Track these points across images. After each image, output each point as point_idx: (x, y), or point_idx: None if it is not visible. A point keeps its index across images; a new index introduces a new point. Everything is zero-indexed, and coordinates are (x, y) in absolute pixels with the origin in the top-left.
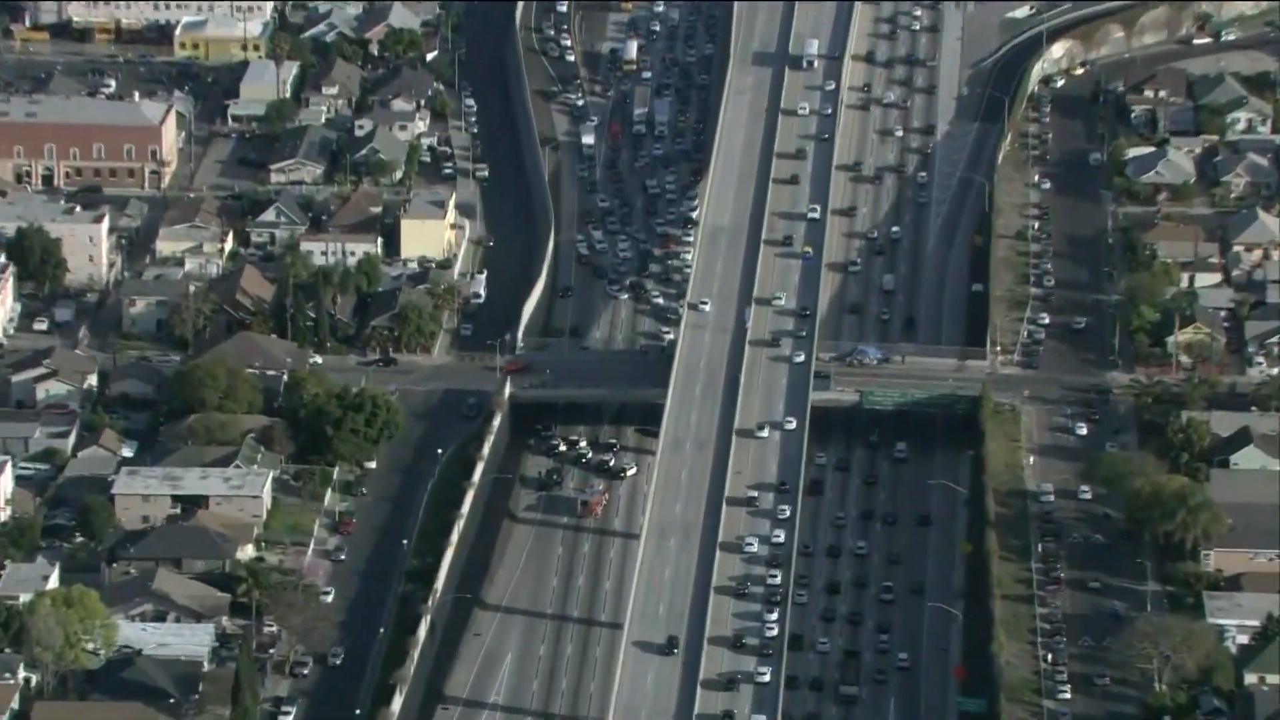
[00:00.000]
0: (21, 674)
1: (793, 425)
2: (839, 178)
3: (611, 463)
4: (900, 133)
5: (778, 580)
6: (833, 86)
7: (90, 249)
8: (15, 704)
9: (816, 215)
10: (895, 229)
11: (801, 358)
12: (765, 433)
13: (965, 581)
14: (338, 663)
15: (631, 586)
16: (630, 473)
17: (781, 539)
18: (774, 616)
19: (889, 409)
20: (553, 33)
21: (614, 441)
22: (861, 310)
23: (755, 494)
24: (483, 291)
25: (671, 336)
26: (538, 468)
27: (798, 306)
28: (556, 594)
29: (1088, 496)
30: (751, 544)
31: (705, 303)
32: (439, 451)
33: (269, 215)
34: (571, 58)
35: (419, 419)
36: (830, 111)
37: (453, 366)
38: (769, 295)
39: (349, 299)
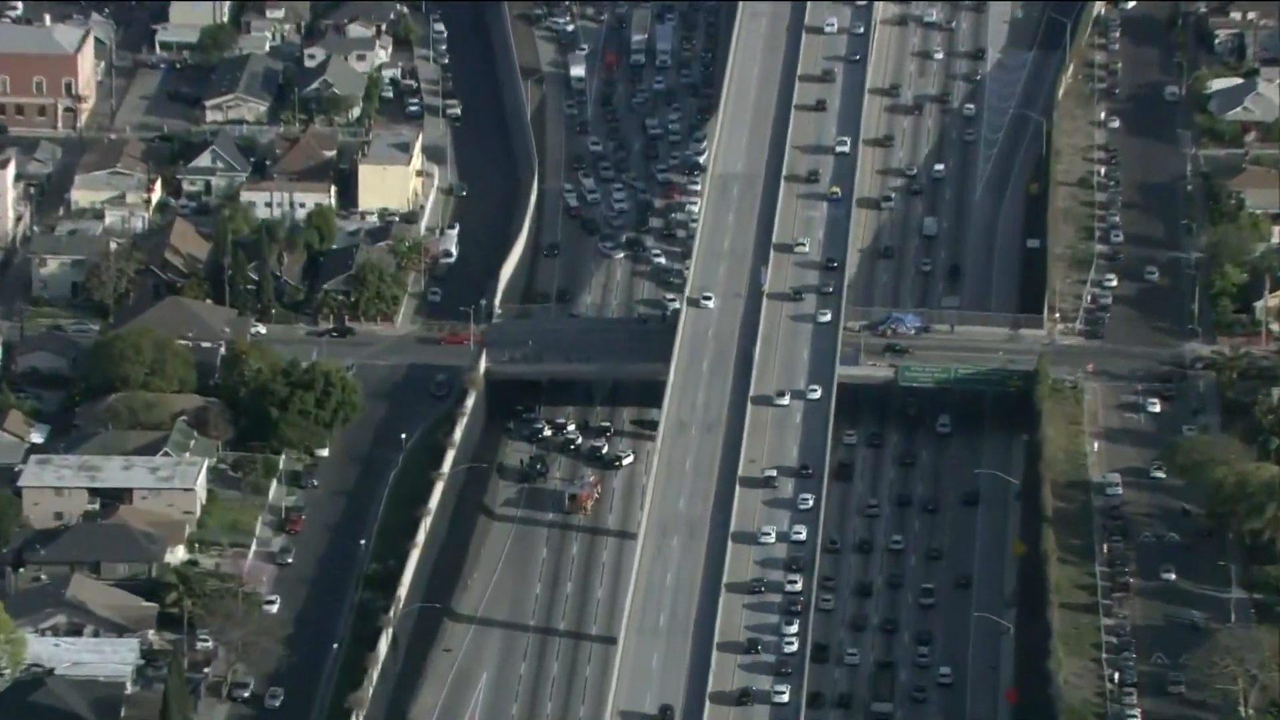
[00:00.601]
0: None
1: (817, 394)
2: (873, 104)
3: (605, 449)
4: (942, 56)
5: (798, 586)
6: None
7: None
8: None
9: (846, 149)
10: (939, 167)
11: (828, 317)
12: (785, 400)
13: (1018, 587)
14: (278, 703)
15: (628, 593)
16: (626, 461)
17: (803, 535)
18: (793, 629)
19: (929, 386)
20: None
21: (607, 425)
22: (898, 257)
23: (774, 472)
24: (454, 249)
25: (675, 303)
26: (518, 455)
27: (823, 258)
28: (540, 603)
29: (1161, 486)
30: (768, 534)
31: (709, 297)
32: (403, 437)
33: (204, 160)
34: None
35: (379, 399)
36: (862, 30)
37: (419, 337)
38: (790, 241)
39: (297, 258)
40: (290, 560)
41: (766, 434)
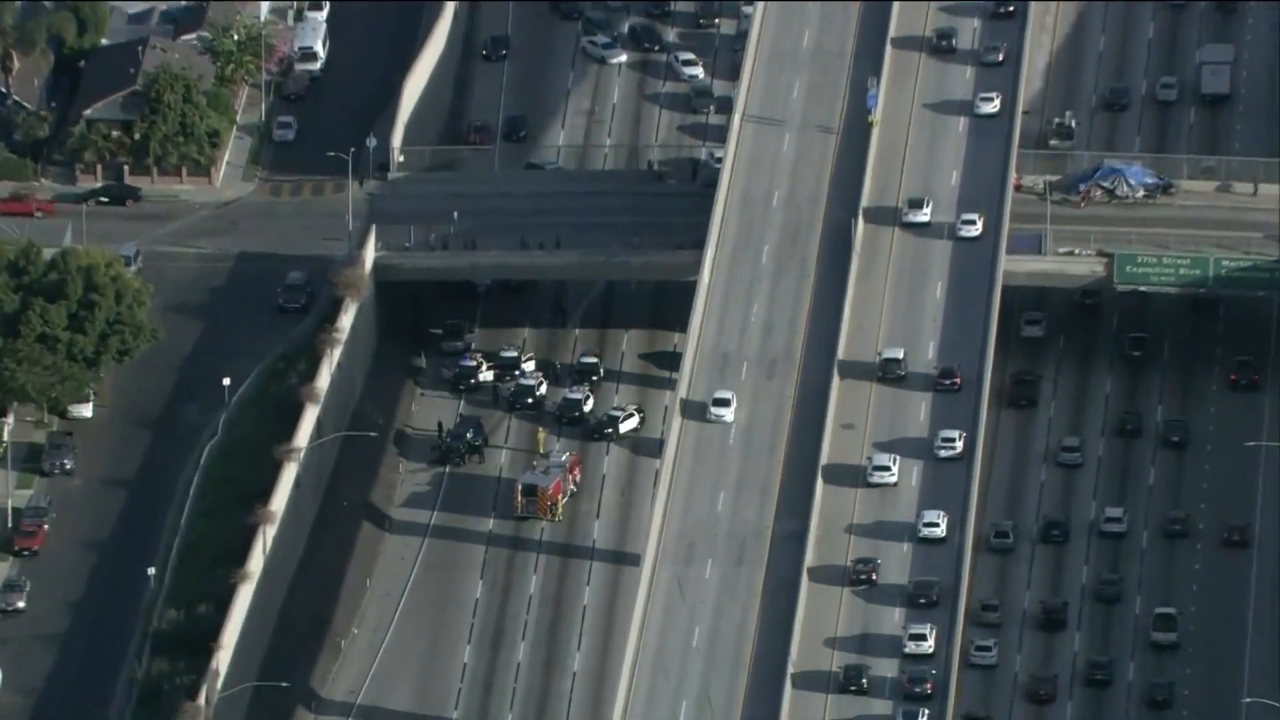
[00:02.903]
0: None
1: (975, 229)
2: None
3: (586, 404)
4: None
5: (928, 642)
6: None
7: None
8: None
9: None
10: None
11: (994, 105)
12: (925, 213)
13: None
14: None
15: (624, 662)
16: (626, 426)
17: (940, 528)
18: None
19: (1168, 291)
20: None
21: (593, 360)
22: None
23: (900, 353)
24: (320, 48)
25: (718, 156)
26: (433, 416)
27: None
28: (471, 678)
29: None
30: (888, 469)
31: (725, 402)
32: (226, 383)
33: None
34: None
35: (185, 315)
36: None
37: (259, 206)
38: None
39: (38, 62)
40: (22, 604)
41: (886, 294)
